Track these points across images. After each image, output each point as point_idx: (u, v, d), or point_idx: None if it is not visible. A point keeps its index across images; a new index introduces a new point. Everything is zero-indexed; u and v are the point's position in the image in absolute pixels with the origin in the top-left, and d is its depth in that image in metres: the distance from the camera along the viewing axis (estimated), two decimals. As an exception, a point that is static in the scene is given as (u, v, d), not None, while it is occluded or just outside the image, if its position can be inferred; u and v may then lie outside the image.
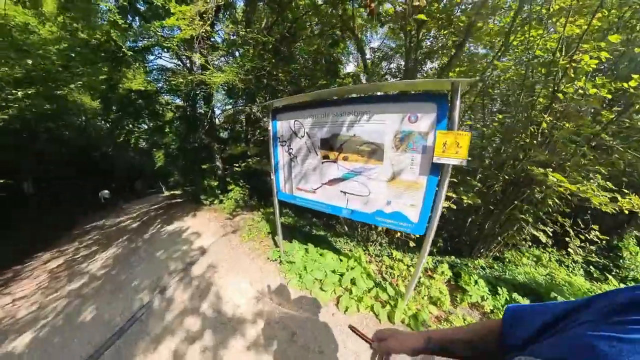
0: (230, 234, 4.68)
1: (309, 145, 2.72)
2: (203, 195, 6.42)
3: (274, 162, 3.09)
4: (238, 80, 4.81)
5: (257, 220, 5.08)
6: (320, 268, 3.26)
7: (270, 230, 4.57)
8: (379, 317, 2.53)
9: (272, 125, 2.97)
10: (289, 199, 3.14)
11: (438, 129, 1.85)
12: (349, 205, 2.63)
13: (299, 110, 2.71)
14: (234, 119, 7.67)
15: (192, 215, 5.85)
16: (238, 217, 5.42)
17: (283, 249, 3.69)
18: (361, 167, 2.38)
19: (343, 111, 2.39)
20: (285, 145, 2.92)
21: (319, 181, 2.78)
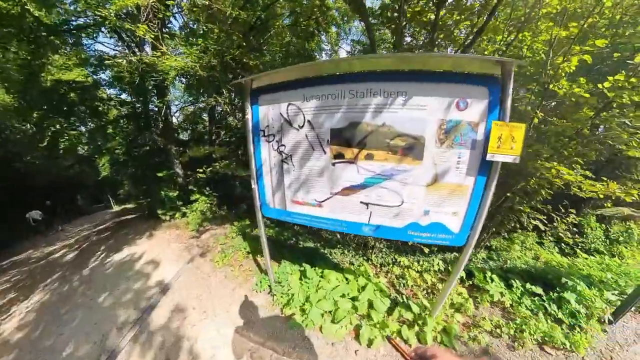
0: (199, 258, 3.65)
1: (312, 139, 1.95)
2: (161, 209, 5.16)
3: (254, 165, 2.23)
4: (199, 67, 3.82)
5: (231, 236, 4.11)
6: (327, 295, 2.53)
7: (251, 249, 3.65)
8: (409, 342, 2.12)
9: (251, 112, 2.11)
10: (281, 215, 2.31)
11: (490, 119, 1.52)
12: (372, 220, 1.98)
13: (294, 88, 1.91)
14: (195, 117, 6.48)
15: (148, 236, 4.59)
16: (207, 233, 4.37)
17: (273, 276, 2.83)
18: (392, 168, 1.79)
19: (367, 90, 1.71)
20: (273, 140, 2.10)
21: (327, 190, 2.03)
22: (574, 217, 3.82)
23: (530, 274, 2.97)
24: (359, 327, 2.22)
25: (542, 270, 3.03)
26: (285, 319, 2.40)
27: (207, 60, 3.84)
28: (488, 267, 3.08)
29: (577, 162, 3.15)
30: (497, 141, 1.52)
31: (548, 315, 2.38)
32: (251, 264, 3.40)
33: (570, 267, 3.21)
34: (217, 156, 5.19)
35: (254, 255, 3.57)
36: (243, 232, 4.21)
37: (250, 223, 4.53)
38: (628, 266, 3.42)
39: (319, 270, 3.01)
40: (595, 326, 2.24)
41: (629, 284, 2.88)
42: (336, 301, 2.45)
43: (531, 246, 3.82)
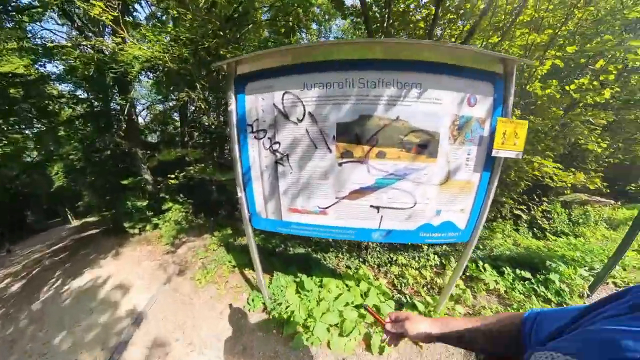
0: (177, 276, 3.13)
1: (315, 134, 1.64)
2: (128, 222, 4.47)
3: (240, 168, 1.84)
4: (168, 59, 3.30)
5: (212, 248, 3.63)
6: (330, 307, 2.30)
7: (237, 262, 3.22)
8: (419, 343, 2.06)
9: (235, 103, 1.72)
10: (276, 227, 1.95)
11: (495, 115, 1.56)
12: (382, 224, 1.77)
13: (291, 74, 1.57)
14: (165, 117, 5.81)
15: (114, 255, 3.89)
16: (183, 246, 3.82)
17: (267, 292, 2.46)
18: (406, 167, 1.64)
19: (379, 80, 1.49)
20: (264, 137, 1.74)
21: (332, 194, 1.74)
22: (546, 204, 4.47)
23: (516, 259, 3.12)
24: (369, 336, 2.10)
25: (527, 255, 3.22)
26: (287, 340, 2.08)
27: (177, 50, 3.34)
28: (477, 256, 3.15)
29: (549, 156, 3.38)
30: (502, 137, 1.54)
31: (538, 296, 2.61)
32: (239, 279, 2.98)
33: (549, 250, 3.49)
34: (191, 159, 4.64)
35: (240, 268, 3.14)
36: (225, 242, 3.75)
37: (232, 232, 4.07)
38: (590, 244, 3.93)
39: (317, 279, 2.73)
40: (578, 301, 2.58)
41: (594, 259, 3.25)
42: (341, 312, 2.25)
43: (510, 233, 4.08)
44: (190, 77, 3.73)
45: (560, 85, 3.03)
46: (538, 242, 3.92)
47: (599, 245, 3.97)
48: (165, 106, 5.90)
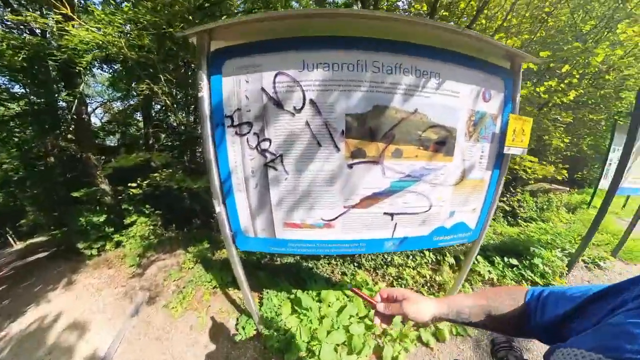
0: (147, 306, 2.57)
1: (318, 128, 1.29)
2: (82, 242, 3.69)
3: (217, 175, 1.41)
4: (125, 46, 2.72)
5: (188, 267, 3.10)
6: (335, 324, 2.05)
7: (218, 281, 2.75)
8: (430, 345, 2.06)
9: (208, 87, 1.28)
10: (268, 246, 1.57)
11: (506, 112, 1.55)
12: (396, 232, 1.52)
13: (286, 49, 1.20)
14: (126, 117, 5.02)
15: (66, 284, 3.10)
16: (152, 267, 3.22)
17: (258, 315, 2.05)
18: (423, 167, 1.45)
19: (396, 64, 1.23)
20: (249, 132, 1.34)
21: (339, 203, 1.41)
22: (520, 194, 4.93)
23: (502, 248, 3.25)
24: (380, 349, 1.95)
25: (511, 243, 3.40)
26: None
27: (136, 35, 2.76)
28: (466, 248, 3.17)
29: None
30: (512, 134, 1.53)
31: (526, 280, 2.79)
32: (222, 302, 2.52)
33: (528, 237, 3.71)
34: (157, 164, 4.01)
35: (223, 288, 2.69)
36: (203, 258, 3.24)
37: (210, 245, 3.56)
38: (557, 227, 4.30)
39: (313, 293, 2.41)
40: (559, 280, 2.84)
41: (563, 241, 3.63)
42: (347, 327, 2.04)
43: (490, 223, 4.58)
44: (153, 68, 3.14)
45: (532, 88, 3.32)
46: (513, 229, 4.14)
47: (564, 227, 4.43)
48: (126, 104, 5.11)
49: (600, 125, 5.84)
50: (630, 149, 2.99)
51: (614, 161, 5.14)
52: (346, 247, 1.55)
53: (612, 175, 4.59)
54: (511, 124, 1.52)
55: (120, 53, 2.77)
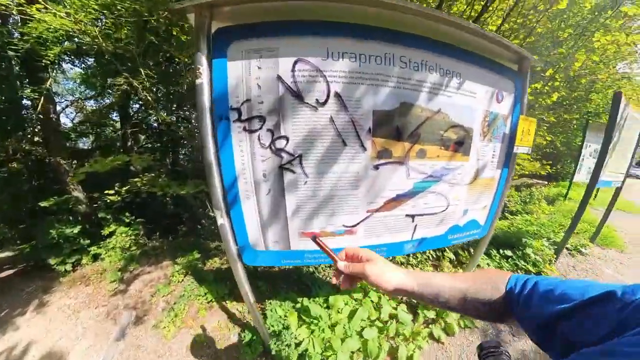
0: (134, 327, 2.26)
1: (343, 126, 1.15)
2: (54, 257, 3.21)
3: (220, 181, 1.20)
4: (100, 34, 2.39)
5: (177, 280, 2.82)
6: (348, 331, 1.98)
7: (213, 294, 2.51)
8: (441, 340, 2.10)
9: (209, 72, 1.06)
10: (281, 259, 1.40)
11: (515, 113, 1.62)
12: (415, 234, 1.53)
13: (306, 33, 1.04)
14: (101, 117, 4.54)
15: (36, 308, 2.61)
16: (137, 281, 2.88)
17: (265, 331, 1.85)
18: (443, 167, 1.44)
19: (422, 61, 1.19)
20: (261, 128, 1.15)
21: (362, 207, 1.29)
22: None
23: (496, 241, 3.33)
24: (394, 350, 1.94)
25: (504, 236, 3.56)
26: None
27: (113, 25, 2.43)
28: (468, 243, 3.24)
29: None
30: (521, 134, 1.60)
31: (520, 269, 2.99)
32: (220, 317, 2.29)
33: (518, 229, 3.90)
34: (137, 168, 3.64)
35: (219, 301, 2.46)
36: (194, 269, 2.96)
37: (200, 255, 3.28)
38: (540, 219, 4.52)
39: (320, 299, 2.29)
40: (549, 267, 3.07)
41: (548, 231, 3.87)
42: (360, 332, 1.99)
43: None
44: (132, 62, 2.81)
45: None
46: (503, 222, 4.28)
47: (546, 218, 4.66)
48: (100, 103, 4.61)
49: (572, 124, 6.24)
50: (607, 147, 3.23)
51: (586, 157, 5.52)
52: None
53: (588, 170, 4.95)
54: (520, 125, 1.59)
55: (94, 44, 2.45)
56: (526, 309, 0.45)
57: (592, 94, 5.67)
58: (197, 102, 1.07)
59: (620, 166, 4.15)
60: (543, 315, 0.41)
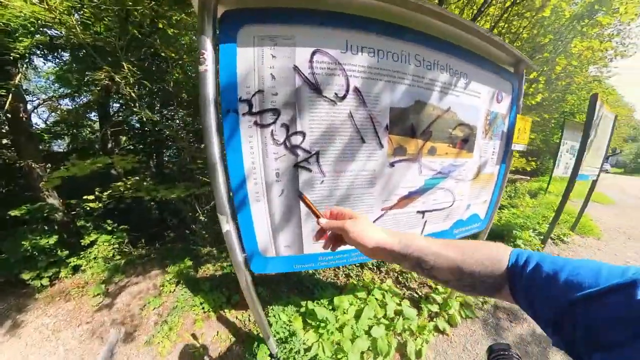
0: (123, 346, 2.05)
1: (362, 122, 1.10)
2: (28, 272, 2.87)
3: (223, 183, 1.07)
4: (77, 26, 2.19)
5: (169, 290, 2.64)
6: (355, 331, 1.94)
7: (211, 304, 2.37)
8: (445, 332, 2.15)
9: (213, 58, 0.95)
10: (292, 265, 1.31)
11: (513, 112, 1.71)
12: (425, 230, 1.54)
13: (325, 24, 0.98)
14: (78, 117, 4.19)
15: (10, 329, 2.25)
16: (124, 294, 2.65)
17: (272, 339, 1.75)
18: (451, 164, 1.48)
19: (434, 61, 1.21)
20: (275, 122, 1.05)
21: (377, 205, 1.26)
22: None
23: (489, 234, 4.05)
24: (402, 346, 1.96)
25: (496, 229, 3.71)
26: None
27: (92, 15, 2.23)
28: None
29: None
30: (517, 132, 1.70)
31: None
32: (219, 327, 2.16)
33: (508, 222, 4.10)
34: (120, 171, 3.39)
35: (217, 310, 2.32)
36: (185, 277, 2.80)
37: (193, 262, 3.11)
38: (525, 211, 4.77)
39: (325, 301, 2.26)
40: None
41: (533, 223, 4.11)
42: (368, 332, 1.96)
43: None
44: (114, 56, 2.61)
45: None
46: None
47: (531, 211, 4.90)
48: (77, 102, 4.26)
49: (551, 122, 6.64)
50: (585, 144, 3.45)
51: (564, 153, 5.86)
52: None
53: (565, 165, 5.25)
54: (517, 123, 1.69)
55: (70, 35, 2.23)
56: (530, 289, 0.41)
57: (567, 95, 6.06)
58: (200, 91, 0.96)
59: (596, 161, 4.44)
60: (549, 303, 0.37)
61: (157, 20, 2.69)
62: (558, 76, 4.38)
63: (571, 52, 4.09)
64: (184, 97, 3.69)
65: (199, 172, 3.37)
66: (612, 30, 4.74)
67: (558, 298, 0.35)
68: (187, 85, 3.55)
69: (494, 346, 0.77)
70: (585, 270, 0.34)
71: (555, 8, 3.90)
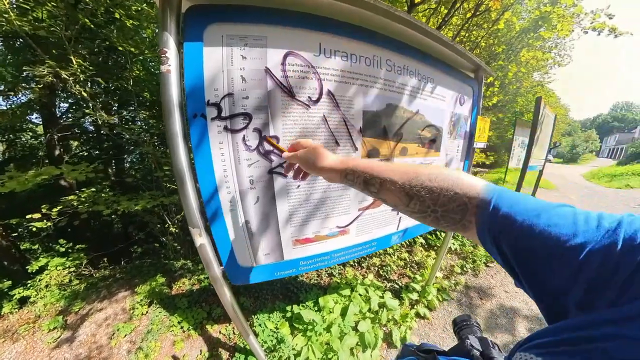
0: None
1: (336, 125, 1.10)
2: None
3: (193, 195, 0.98)
4: (10, 10, 1.89)
5: (140, 311, 2.39)
6: (342, 329, 2.01)
7: (190, 322, 2.20)
8: (426, 317, 2.34)
9: (177, 57, 0.86)
10: (274, 273, 1.25)
11: (474, 114, 1.84)
12: (400, 226, 1.62)
13: (298, 25, 0.95)
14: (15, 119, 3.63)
15: None
16: (86, 324, 2.32)
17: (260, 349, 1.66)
18: (421, 163, 1.59)
19: (404, 66, 1.27)
20: (246, 127, 0.98)
21: (354, 206, 1.28)
22: None
23: None
24: (388, 336, 2.08)
25: None
26: None
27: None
28: None
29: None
30: (478, 132, 1.87)
31: None
32: (202, 346, 2.02)
33: None
34: (71, 182, 3.02)
35: (198, 327, 2.18)
36: (159, 296, 2.56)
37: (165, 278, 2.87)
38: None
39: (310, 303, 2.27)
40: None
41: None
42: (355, 327, 2.05)
43: None
44: (60, 48, 2.30)
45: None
46: None
47: None
48: (14, 101, 3.68)
49: (504, 121, 7.41)
50: (533, 139, 3.90)
51: (516, 147, 6.54)
52: (359, 250, 1.43)
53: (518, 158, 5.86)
54: (478, 124, 1.87)
55: (1, 21, 1.91)
56: (501, 234, 0.35)
57: (517, 97, 6.84)
58: (163, 95, 0.86)
59: (541, 154, 5.05)
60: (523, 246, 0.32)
61: (113, 9, 2.42)
62: (510, 81, 4.93)
63: (520, 60, 4.63)
64: (146, 97, 3.37)
65: (167, 179, 3.11)
66: (552, 43, 5.54)
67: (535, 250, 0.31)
68: (150, 83, 3.25)
69: (457, 318, 0.85)
70: (562, 220, 0.31)
71: (508, 21, 4.36)
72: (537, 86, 6.94)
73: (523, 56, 4.50)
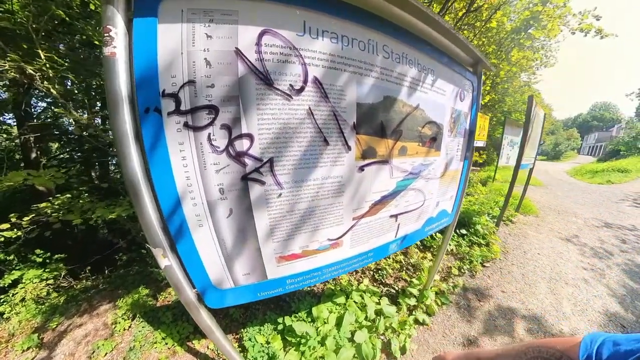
0: None
1: (324, 120, 0.88)
2: None
3: (151, 208, 0.78)
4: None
5: (122, 326, 2.14)
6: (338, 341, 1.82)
7: (177, 337, 1.98)
8: (425, 323, 2.17)
9: (125, 38, 0.65)
10: (257, 293, 1.05)
11: (473, 111, 1.70)
12: (399, 233, 1.43)
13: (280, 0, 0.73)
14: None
15: None
16: (65, 341, 2.05)
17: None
18: (421, 163, 1.39)
19: (402, 54, 1.06)
20: (212, 123, 0.77)
21: (347, 215, 1.07)
22: None
23: None
24: (387, 345, 1.92)
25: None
26: None
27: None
28: None
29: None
30: (478, 130, 1.79)
31: (475, 244, 3.38)
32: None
33: (467, 210, 4.32)
34: (50, 188, 2.75)
35: (184, 343, 1.96)
36: (142, 308, 2.32)
37: (150, 289, 2.62)
38: (479, 198, 5.26)
39: (303, 314, 2.06)
40: (494, 237, 3.57)
41: (487, 208, 4.59)
42: (352, 338, 1.86)
43: None
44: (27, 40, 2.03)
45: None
46: None
47: (484, 198, 5.41)
48: None
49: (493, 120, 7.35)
50: (525, 139, 3.83)
51: (505, 146, 6.48)
52: (354, 262, 1.24)
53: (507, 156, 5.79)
54: (479, 121, 1.85)
55: None
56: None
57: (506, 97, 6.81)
58: (107, 84, 0.66)
59: (532, 152, 5.01)
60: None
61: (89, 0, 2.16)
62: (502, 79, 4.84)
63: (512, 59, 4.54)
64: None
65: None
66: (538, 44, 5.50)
67: None
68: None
69: None
70: None
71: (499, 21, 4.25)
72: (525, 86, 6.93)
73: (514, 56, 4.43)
